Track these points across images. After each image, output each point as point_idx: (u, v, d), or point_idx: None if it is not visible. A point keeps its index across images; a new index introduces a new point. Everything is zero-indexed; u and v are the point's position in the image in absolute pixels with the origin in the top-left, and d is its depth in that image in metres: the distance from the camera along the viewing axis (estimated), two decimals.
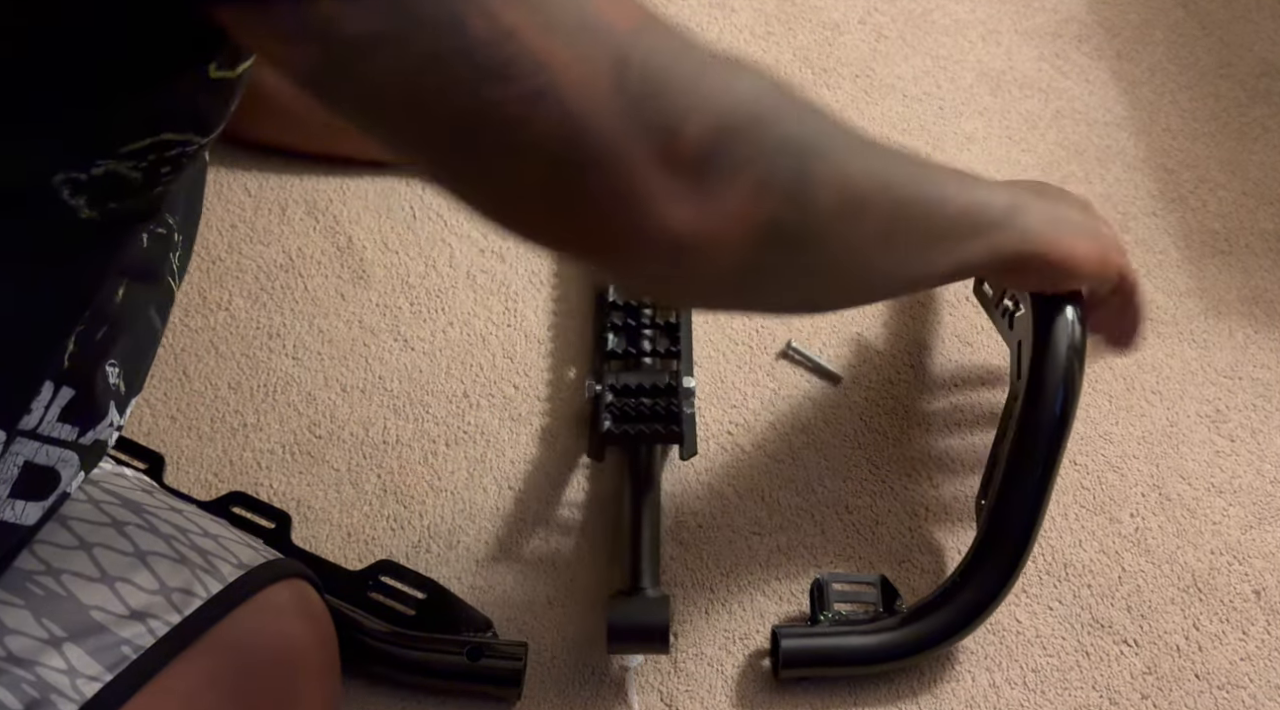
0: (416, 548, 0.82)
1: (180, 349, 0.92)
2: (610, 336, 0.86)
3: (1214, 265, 1.01)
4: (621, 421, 0.80)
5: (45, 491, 0.52)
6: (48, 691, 0.50)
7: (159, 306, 0.58)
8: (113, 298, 0.52)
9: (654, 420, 0.81)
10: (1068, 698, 0.78)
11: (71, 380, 0.50)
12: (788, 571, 0.82)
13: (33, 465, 0.50)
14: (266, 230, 0.98)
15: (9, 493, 0.50)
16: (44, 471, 0.51)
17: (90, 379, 0.52)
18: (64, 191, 0.45)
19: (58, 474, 0.52)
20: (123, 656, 0.52)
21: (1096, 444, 0.90)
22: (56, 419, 0.50)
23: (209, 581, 0.56)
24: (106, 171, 0.46)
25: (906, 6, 1.22)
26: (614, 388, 0.83)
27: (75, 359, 0.50)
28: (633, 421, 0.81)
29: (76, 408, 0.51)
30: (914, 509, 0.86)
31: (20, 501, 0.50)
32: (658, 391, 0.82)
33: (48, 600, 0.52)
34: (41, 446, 0.50)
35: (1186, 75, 1.16)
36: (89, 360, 0.51)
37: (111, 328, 0.52)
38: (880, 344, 0.94)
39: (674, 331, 0.87)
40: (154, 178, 0.48)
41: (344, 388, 0.90)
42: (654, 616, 0.73)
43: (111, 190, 0.46)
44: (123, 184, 0.47)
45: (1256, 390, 0.93)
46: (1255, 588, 0.83)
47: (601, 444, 0.81)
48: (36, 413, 0.49)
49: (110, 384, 0.54)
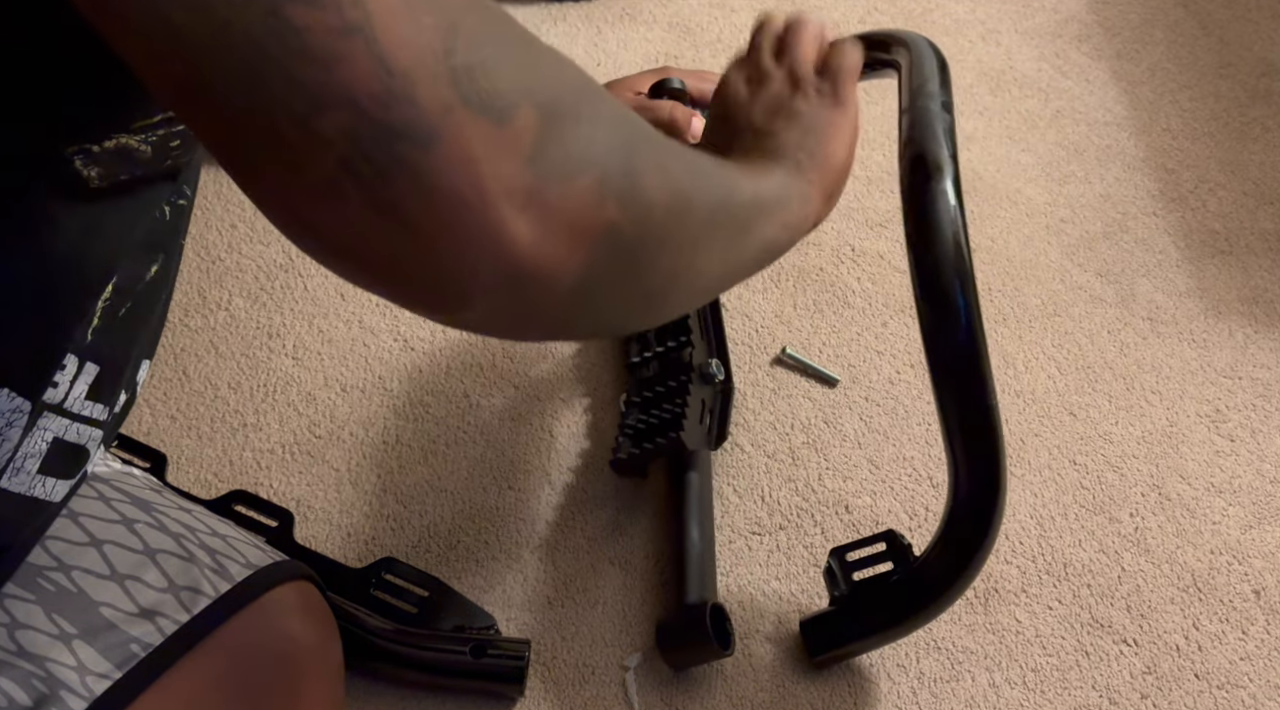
0: (417, 547, 0.82)
1: (180, 349, 0.92)
2: (631, 344, 0.87)
3: (1214, 265, 1.01)
4: (635, 441, 0.81)
5: (73, 469, 0.52)
6: (57, 687, 0.50)
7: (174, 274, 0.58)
8: (142, 273, 0.51)
9: (659, 431, 0.80)
10: (1067, 697, 0.78)
11: (95, 356, 0.50)
12: (788, 571, 0.82)
13: (62, 443, 0.50)
14: (267, 230, 0.98)
15: (39, 468, 0.50)
16: (74, 449, 0.51)
17: (114, 355, 0.51)
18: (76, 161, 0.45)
19: (86, 452, 0.52)
20: (132, 654, 0.52)
21: (1096, 444, 0.90)
22: (85, 397, 0.50)
23: (217, 581, 0.56)
24: (118, 145, 0.45)
25: (906, 6, 1.22)
26: (635, 403, 0.84)
27: (99, 334, 0.50)
28: (644, 438, 0.81)
29: (103, 386, 0.51)
30: (914, 509, 0.86)
31: (50, 479, 0.50)
32: (670, 395, 0.83)
33: (59, 596, 0.53)
34: (71, 424, 0.50)
35: (1186, 75, 1.16)
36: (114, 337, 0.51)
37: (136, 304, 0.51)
38: (880, 344, 0.94)
39: (683, 326, 0.87)
40: (164, 151, 0.47)
41: (344, 388, 0.90)
42: (698, 625, 0.73)
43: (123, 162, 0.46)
44: (133, 157, 0.46)
45: (1256, 390, 0.93)
46: (1255, 587, 0.83)
47: (622, 471, 0.82)
48: (62, 387, 0.49)
49: (133, 359, 0.54)
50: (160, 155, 0.48)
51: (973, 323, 0.64)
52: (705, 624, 0.73)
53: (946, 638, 0.79)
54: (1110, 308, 0.98)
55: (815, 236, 1.01)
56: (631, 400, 0.83)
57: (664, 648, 0.75)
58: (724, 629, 0.75)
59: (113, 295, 0.50)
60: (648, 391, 0.83)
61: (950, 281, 0.64)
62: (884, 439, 0.89)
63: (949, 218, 0.64)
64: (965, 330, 0.64)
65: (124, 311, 0.51)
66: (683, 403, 0.81)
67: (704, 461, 0.84)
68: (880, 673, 0.78)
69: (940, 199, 0.65)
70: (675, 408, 0.81)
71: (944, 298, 0.64)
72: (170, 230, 0.53)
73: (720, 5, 1.21)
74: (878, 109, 1.12)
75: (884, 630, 0.75)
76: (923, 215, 0.65)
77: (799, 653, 0.79)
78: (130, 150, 0.46)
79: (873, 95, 1.13)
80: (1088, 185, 1.06)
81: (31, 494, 0.50)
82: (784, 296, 0.97)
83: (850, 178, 1.04)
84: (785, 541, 0.84)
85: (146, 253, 0.51)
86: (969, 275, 0.65)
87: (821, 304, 0.96)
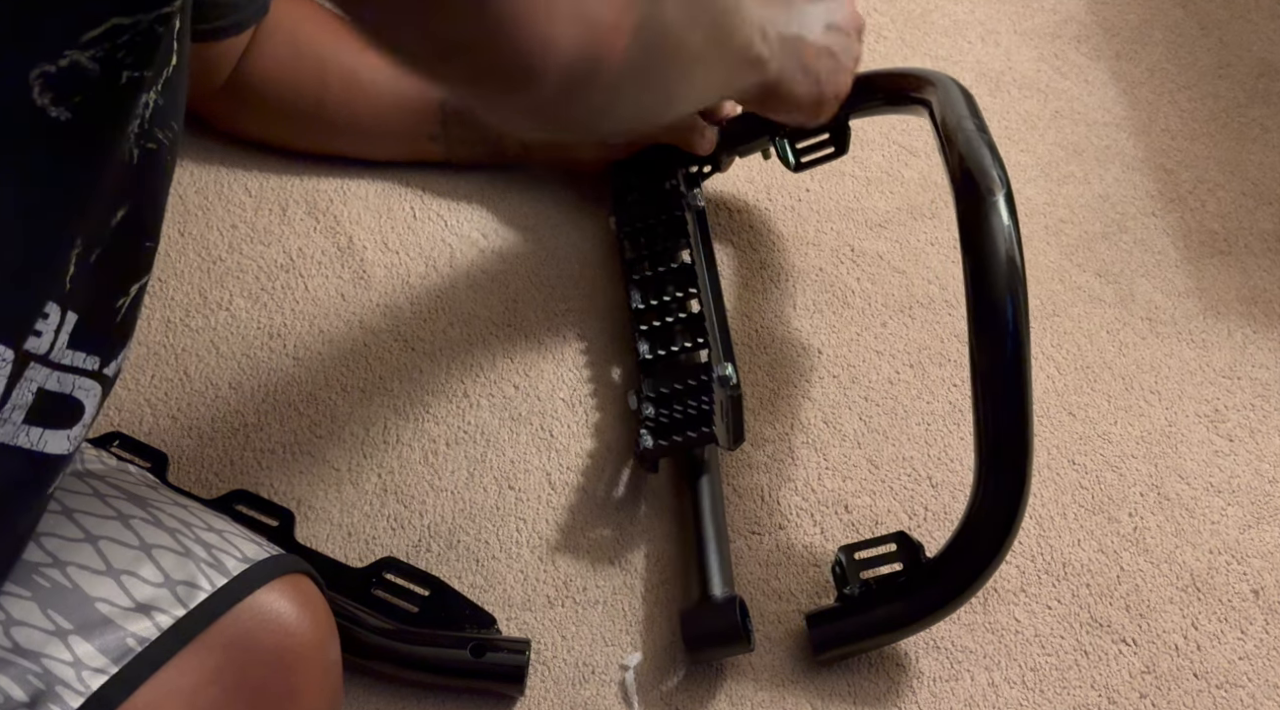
0: (417, 547, 0.83)
1: (181, 349, 0.92)
2: (642, 345, 0.87)
3: (1213, 265, 1.01)
4: (659, 434, 0.81)
5: (67, 420, 0.52)
6: (53, 683, 0.50)
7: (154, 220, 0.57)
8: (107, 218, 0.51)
9: (688, 425, 0.81)
10: (1066, 697, 0.78)
11: (75, 304, 0.50)
12: (787, 571, 0.83)
13: (48, 393, 0.50)
14: (267, 230, 0.99)
15: (24, 418, 0.50)
16: (62, 399, 0.51)
17: (94, 304, 0.51)
18: (35, 90, 0.45)
19: (79, 403, 0.52)
20: (128, 649, 0.52)
21: (1095, 444, 0.90)
22: (67, 345, 0.50)
23: (213, 575, 0.56)
24: (71, 63, 0.45)
25: (905, 7, 1.22)
26: (650, 398, 0.84)
27: (76, 281, 0.50)
28: (670, 431, 0.81)
29: (86, 334, 0.51)
30: (913, 509, 0.86)
31: (38, 428, 0.50)
32: (691, 392, 0.83)
33: (54, 592, 0.53)
34: (53, 373, 0.50)
35: (1185, 75, 1.16)
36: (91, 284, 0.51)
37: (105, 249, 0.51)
38: (880, 344, 0.95)
39: (699, 322, 0.87)
40: (113, 66, 0.47)
41: (344, 388, 0.90)
42: (726, 619, 0.74)
43: (76, 85, 0.46)
44: (86, 76, 0.47)
45: (1255, 390, 0.93)
46: (1254, 587, 0.83)
47: (646, 461, 0.81)
48: (46, 337, 0.49)
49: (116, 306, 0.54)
50: (110, 72, 0.47)
51: (1021, 338, 0.68)
52: (738, 619, 0.74)
53: (945, 637, 0.80)
54: (1109, 308, 0.98)
55: (815, 236, 1.01)
56: (648, 396, 0.84)
57: (691, 639, 0.75)
58: (747, 625, 0.76)
59: (81, 244, 0.50)
60: (664, 388, 0.84)
61: (1002, 296, 0.68)
62: (884, 439, 0.89)
63: (1004, 236, 0.69)
64: (1013, 343, 0.68)
65: (94, 257, 0.51)
66: (709, 400, 0.82)
67: (715, 460, 0.84)
68: (879, 672, 0.78)
69: (995, 217, 0.70)
70: (700, 405, 0.82)
71: (995, 311, 0.68)
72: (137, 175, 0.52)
73: None
74: None
75: (894, 629, 0.76)
76: (977, 232, 0.70)
77: (798, 653, 0.79)
78: (82, 69, 0.46)
79: None
80: (1086, 186, 1.06)
81: (15, 444, 0.49)
82: (784, 296, 0.97)
83: (850, 178, 1.04)
84: (784, 541, 0.84)
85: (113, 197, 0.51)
86: (1021, 291, 0.69)
87: (821, 304, 0.97)
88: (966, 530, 0.72)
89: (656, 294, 0.89)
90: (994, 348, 0.69)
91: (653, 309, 0.89)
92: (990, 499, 0.71)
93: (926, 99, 0.83)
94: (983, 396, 0.69)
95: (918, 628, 0.76)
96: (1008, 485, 0.70)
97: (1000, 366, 0.69)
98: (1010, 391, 0.69)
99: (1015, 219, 0.70)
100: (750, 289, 0.98)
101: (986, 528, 0.71)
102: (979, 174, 0.72)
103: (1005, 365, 0.68)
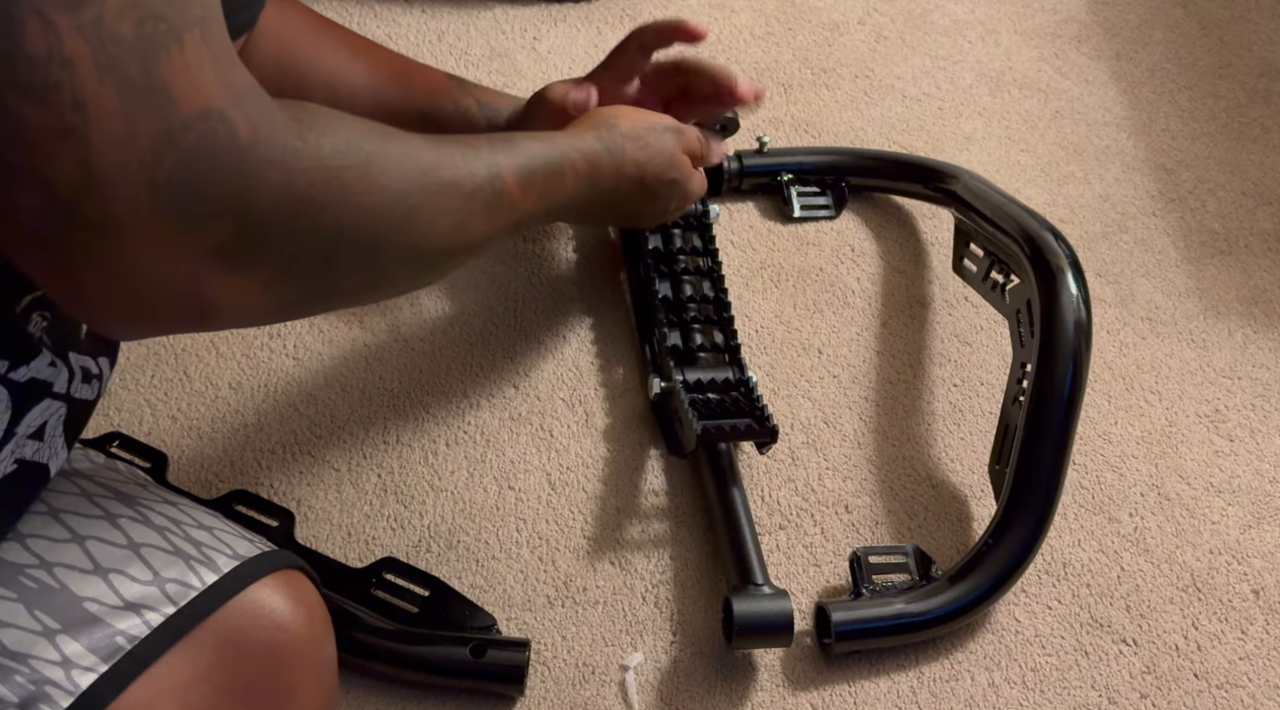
0: (417, 547, 0.83)
1: (181, 349, 0.92)
2: (668, 332, 0.88)
3: (1213, 265, 1.01)
4: (707, 418, 0.81)
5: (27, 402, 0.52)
6: (43, 684, 0.49)
7: None
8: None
9: (737, 416, 0.81)
10: (1067, 697, 0.78)
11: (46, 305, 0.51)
12: (788, 571, 0.83)
13: None
14: None
15: None
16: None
17: None
18: None
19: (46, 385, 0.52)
20: (118, 647, 0.52)
21: (1095, 444, 0.90)
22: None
23: (204, 572, 0.56)
24: None
25: (906, 7, 1.22)
26: (688, 384, 0.84)
27: None
28: (718, 418, 0.81)
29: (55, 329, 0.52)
30: (914, 509, 0.86)
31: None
32: (730, 386, 0.84)
33: (40, 593, 0.52)
34: None
35: (1186, 75, 1.16)
36: None
37: None
38: (880, 344, 0.95)
39: (729, 325, 0.89)
40: None
41: (344, 388, 0.90)
42: (778, 610, 0.75)
43: None
44: None
45: (1255, 390, 0.93)
46: (1254, 587, 0.83)
47: (697, 442, 0.81)
48: None
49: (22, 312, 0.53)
50: None
51: (1078, 389, 0.80)
52: (790, 612, 0.75)
53: (946, 637, 0.80)
54: (1109, 308, 0.98)
55: (815, 236, 1.01)
56: (686, 382, 0.84)
57: (742, 626, 0.75)
58: None
59: None
60: (702, 377, 0.85)
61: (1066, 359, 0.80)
62: (884, 439, 0.89)
63: (1071, 306, 0.82)
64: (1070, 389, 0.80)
65: None
66: (757, 393, 0.84)
67: (734, 456, 0.85)
68: (880, 672, 0.78)
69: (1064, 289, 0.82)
70: (738, 396, 0.83)
71: (1058, 361, 0.80)
72: None
73: (720, 6, 1.21)
74: (877, 109, 1.12)
75: (902, 632, 0.78)
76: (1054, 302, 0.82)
77: (798, 652, 0.79)
78: None
79: (872, 96, 1.13)
80: (1087, 186, 1.06)
81: None
82: (784, 296, 0.97)
83: None
84: (785, 541, 0.84)
85: None
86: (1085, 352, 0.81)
87: (821, 304, 0.97)
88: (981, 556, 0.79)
89: (682, 286, 0.91)
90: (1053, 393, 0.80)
91: (682, 301, 0.90)
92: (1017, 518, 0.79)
93: (953, 190, 0.95)
94: (1031, 433, 0.79)
95: (929, 635, 0.78)
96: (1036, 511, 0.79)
97: (1054, 416, 0.79)
98: (1059, 435, 0.79)
99: (1085, 289, 0.83)
100: (750, 289, 0.98)
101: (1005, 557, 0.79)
102: (1049, 252, 0.84)
103: (1059, 415, 0.79)
